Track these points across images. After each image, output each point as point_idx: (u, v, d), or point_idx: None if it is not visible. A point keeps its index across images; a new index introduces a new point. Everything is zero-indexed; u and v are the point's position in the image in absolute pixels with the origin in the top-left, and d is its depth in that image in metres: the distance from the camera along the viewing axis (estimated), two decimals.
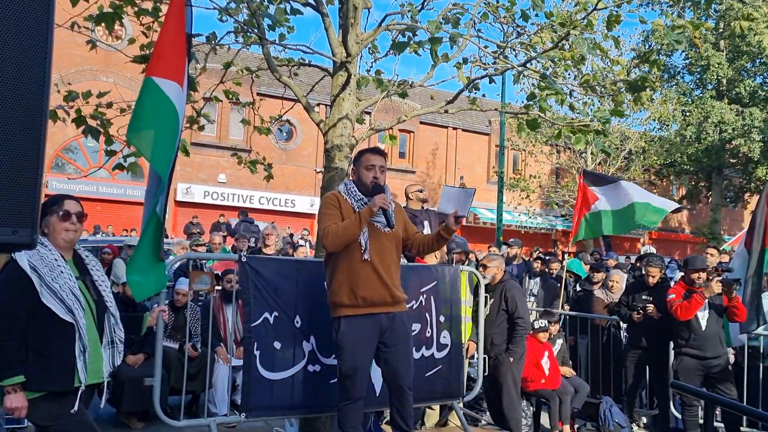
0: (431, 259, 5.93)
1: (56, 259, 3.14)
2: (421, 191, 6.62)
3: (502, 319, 5.86)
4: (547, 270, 9.81)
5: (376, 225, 3.99)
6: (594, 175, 9.07)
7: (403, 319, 4.14)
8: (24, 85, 1.58)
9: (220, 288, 6.71)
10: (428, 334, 5.24)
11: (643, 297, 6.53)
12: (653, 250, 13.31)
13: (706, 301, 5.93)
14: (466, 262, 6.69)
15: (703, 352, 5.96)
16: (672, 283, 6.70)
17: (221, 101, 6.54)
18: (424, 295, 5.24)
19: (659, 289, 6.52)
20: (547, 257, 11.19)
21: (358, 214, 3.90)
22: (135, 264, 3.75)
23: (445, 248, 6.39)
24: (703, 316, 6.00)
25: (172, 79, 3.71)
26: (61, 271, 3.13)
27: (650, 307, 6.36)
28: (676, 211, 8.22)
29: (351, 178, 4.20)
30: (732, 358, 6.56)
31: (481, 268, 6.16)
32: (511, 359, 5.80)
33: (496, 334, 5.87)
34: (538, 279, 9.18)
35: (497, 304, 5.90)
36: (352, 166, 4.23)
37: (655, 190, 29.81)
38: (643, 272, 6.92)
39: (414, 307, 5.09)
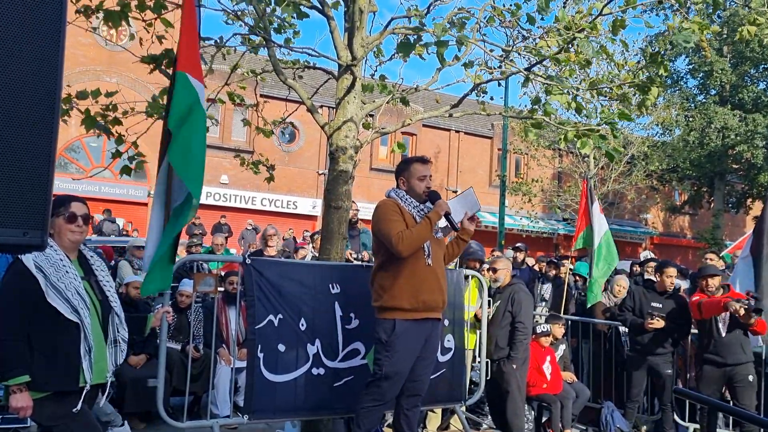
0: None
1: (61, 259, 3.14)
2: None
3: (507, 322, 5.85)
4: (559, 274, 9.56)
5: (438, 230, 4.20)
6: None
7: (439, 328, 4.35)
8: (36, 87, 1.57)
9: (222, 289, 6.72)
10: None
11: (653, 304, 6.40)
12: (652, 255, 13.22)
13: (726, 313, 5.79)
14: (480, 270, 6.65)
15: (723, 359, 5.84)
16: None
17: (224, 103, 6.54)
18: None
19: (670, 298, 6.45)
20: (557, 260, 10.95)
21: (428, 218, 4.01)
22: (154, 263, 3.80)
23: None
24: (723, 321, 5.86)
25: (199, 79, 3.80)
26: (67, 271, 3.13)
27: (660, 322, 6.23)
28: None
29: (402, 187, 4.25)
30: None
31: (491, 272, 6.16)
32: (514, 366, 5.78)
33: (500, 337, 5.86)
34: (550, 284, 9.04)
35: (504, 306, 5.88)
36: (401, 176, 4.27)
37: (657, 195, 29.86)
38: (655, 278, 6.75)
39: None
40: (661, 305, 6.36)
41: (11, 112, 1.52)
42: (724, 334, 5.88)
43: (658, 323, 6.22)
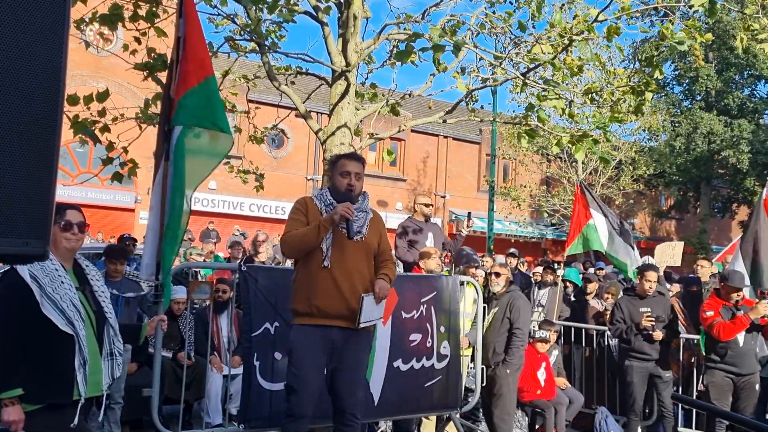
0: (433, 265, 5.92)
1: (57, 269, 3.08)
2: (428, 206, 6.67)
3: (505, 328, 5.84)
4: (555, 279, 9.38)
5: (344, 231, 3.72)
6: (591, 193, 8.85)
7: (359, 339, 3.82)
8: (38, 93, 1.54)
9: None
10: (428, 345, 5.21)
11: (641, 309, 6.35)
12: None
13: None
14: (474, 276, 6.65)
15: (739, 369, 5.86)
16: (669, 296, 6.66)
17: None
18: (425, 306, 5.21)
19: (654, 300, 6.42)
20: (553, 264, 10.80)
21: (318, 222, 3.68)
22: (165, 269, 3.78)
23: (438, 253, 6.41)
24: (741, 333, 5.85)
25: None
26: (62, 282, 3.07)
27: (659, 334, 6.20)
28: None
29: (327, 183, 4.09)
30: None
31: (493, 276, 6.15)
32: (508, 370, 5.78)
33: (497, 343, 5.85)
34: (547, 290, 8.96)
35: (502, 313, 5.88)
36: (328, 173, 4.13)
37: (644, 200, 30.04)
38: (635, 282, 6.71)
39: (414, 317, 5.07)
40: (650, 309, 6.32)
41: (14, 122, 1.48)
42: (741, 344, 5.88)
43: (657, 335, 6.17)
